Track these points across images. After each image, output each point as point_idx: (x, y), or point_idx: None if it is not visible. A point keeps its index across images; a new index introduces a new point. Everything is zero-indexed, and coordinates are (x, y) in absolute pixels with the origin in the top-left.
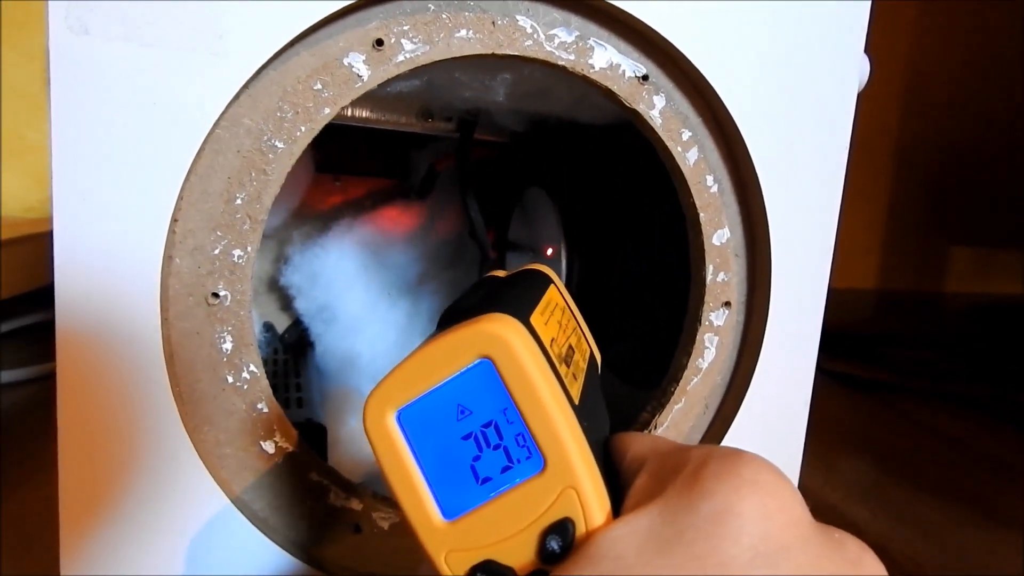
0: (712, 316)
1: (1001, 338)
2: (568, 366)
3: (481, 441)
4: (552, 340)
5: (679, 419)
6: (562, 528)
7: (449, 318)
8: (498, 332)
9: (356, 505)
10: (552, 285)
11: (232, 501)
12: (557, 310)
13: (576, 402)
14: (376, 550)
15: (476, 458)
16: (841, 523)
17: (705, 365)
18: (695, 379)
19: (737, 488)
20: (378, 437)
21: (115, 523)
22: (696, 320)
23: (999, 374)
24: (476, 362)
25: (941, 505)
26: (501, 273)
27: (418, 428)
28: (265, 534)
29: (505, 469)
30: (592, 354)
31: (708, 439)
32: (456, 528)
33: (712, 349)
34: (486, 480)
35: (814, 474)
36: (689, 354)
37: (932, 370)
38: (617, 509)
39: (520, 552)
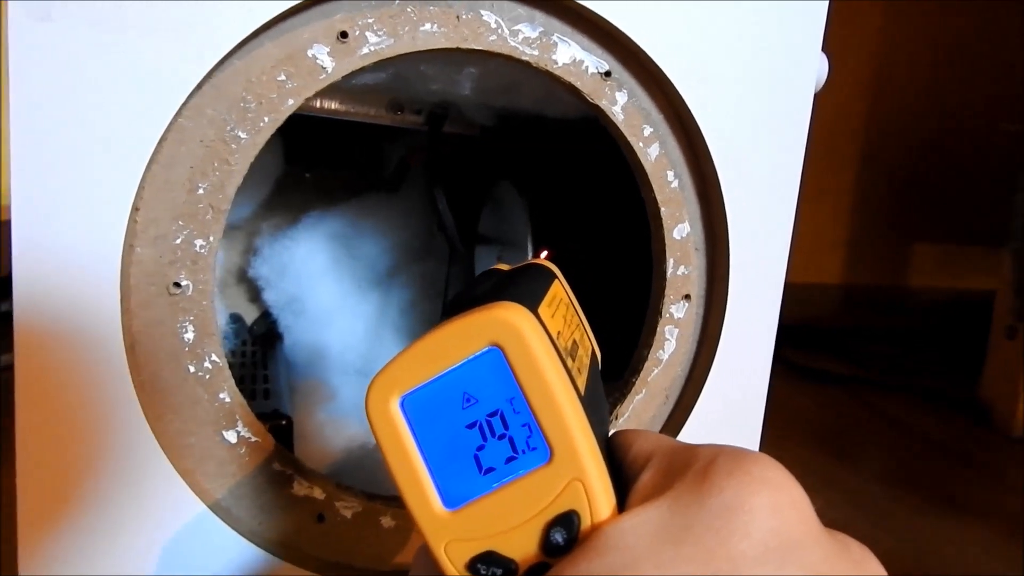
0: (673, 309)
1: (963, 332)
2: (573, 360)
3: (486, 430)
4: (558, 334)
5: (640, 409)
6: (567, 520)
7: (456, 307)
8: (510, 319)
9: (319, 494)
10: (556, 280)
11: (194, 491)
12: (562, 305)
13: (582, 395)
14: (339, 539)
15: (480, 447)
16: None
17: (666, 357)
18: (656, 370)
19: (748, 484)
20: (380, 423)
21: (75, 514)
22: (657, 313)
23: (961, 368)
24: (485, 349)
25: (900, 495)
26: (505, 267)
27: (422, 415)
28: (227, 524)
29: (510, 459)
30: (593, 350)
31: (668, 429)
32: (457, 518)
33: (672, 341)
34: (490, 470)
35: None
36: (650, 346)
37: (896, 363)
38: (620, 506)
39: (523, 544)
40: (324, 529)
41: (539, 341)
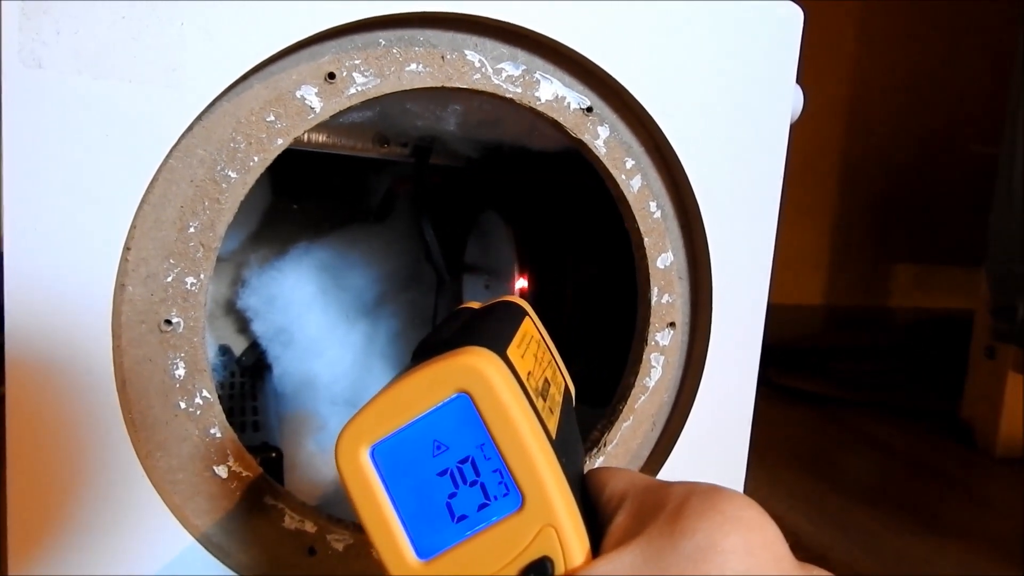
0: (658, 336)
1: (943, 351)
2: (544, 400)
3: (457, 477)
4: (529, 373)
5: (627, 436)
6: (541, 568)
7: (424, 351)
8: (476, 366)
9: (310, 528)
10: (527, 317)
11: (185, 526)
12: (533, 343)
13: (553, 437)
14: (330, 572)
15: (452, 495)
16: (783, 533)
17: (652, 383)
18: (642, 397)
19: (720, 524)
20: (350, 474)
21: (66, 550)
22: (643, 340)
23: (941, 387)
24: (453, 396)
25: (881, 514)
26: (475, 304)
27: (392, 464)
28: (218, 559)
29: (482, 506)
30: (566, 386)
31: (656, 455)
32: (431, 568)
33: (658, 368)
34: (462, 518)
35: (758, 486)
36: (636, 373)
37: (877, 382)
38: (595, 546)
39: None
40: (315, 562)
41: (507, 386)
